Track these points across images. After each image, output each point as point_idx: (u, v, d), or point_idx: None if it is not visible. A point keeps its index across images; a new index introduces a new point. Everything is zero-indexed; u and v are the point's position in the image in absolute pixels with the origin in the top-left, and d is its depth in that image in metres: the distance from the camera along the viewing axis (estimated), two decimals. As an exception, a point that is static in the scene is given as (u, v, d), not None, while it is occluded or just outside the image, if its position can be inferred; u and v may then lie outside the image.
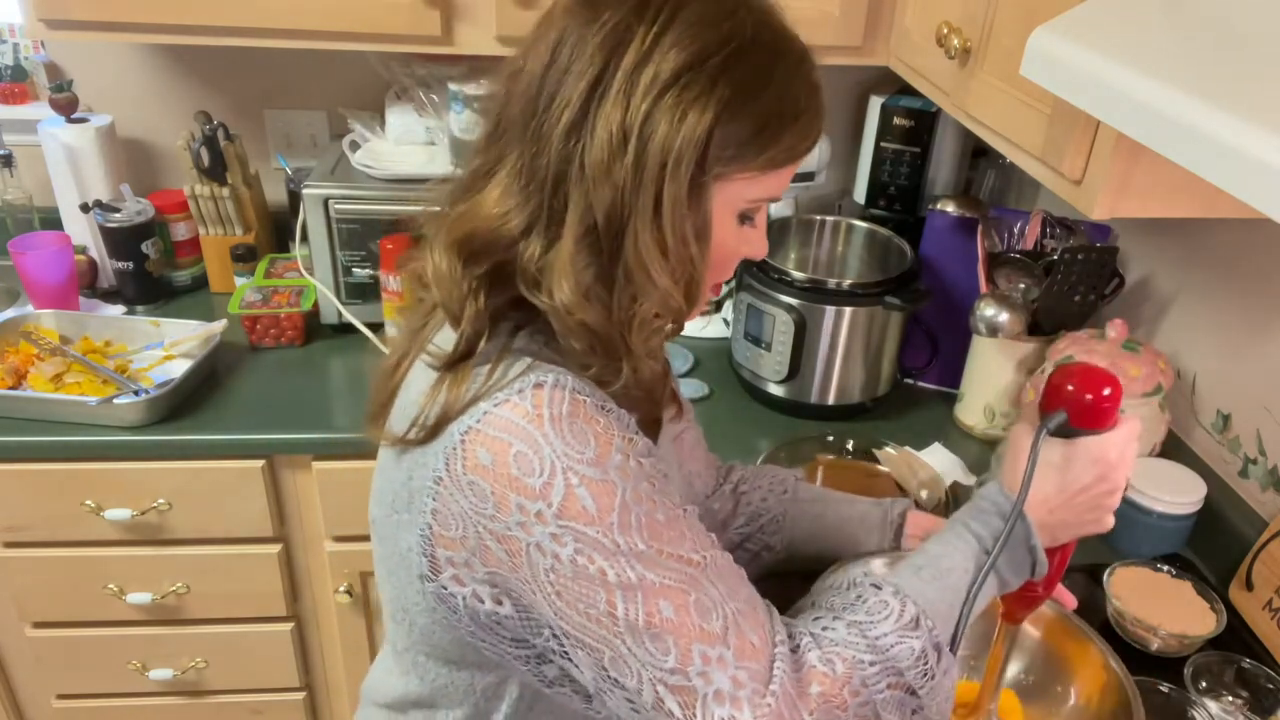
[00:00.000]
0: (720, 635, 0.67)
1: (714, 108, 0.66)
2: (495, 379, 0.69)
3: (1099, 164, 0.94)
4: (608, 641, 0.67)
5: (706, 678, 0.66)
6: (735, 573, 0.72)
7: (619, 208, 0.67)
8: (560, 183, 0.68)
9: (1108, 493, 0.79)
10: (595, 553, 0.65)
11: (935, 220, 1.63)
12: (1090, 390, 0.76)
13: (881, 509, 1.03)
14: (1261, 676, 1.07)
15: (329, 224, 1.63)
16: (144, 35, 1.53)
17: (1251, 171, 0.58)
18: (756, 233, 0.77)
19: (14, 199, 1.82)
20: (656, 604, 0.66)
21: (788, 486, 1.06)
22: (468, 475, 0.67)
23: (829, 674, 0.69)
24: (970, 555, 0.77)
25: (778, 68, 0.69)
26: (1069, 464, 0.78)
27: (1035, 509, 0.78)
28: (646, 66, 0.66)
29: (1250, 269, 1.27)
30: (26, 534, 1.55)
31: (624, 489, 0.66)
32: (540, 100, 0.69)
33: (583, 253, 0.68)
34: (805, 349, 1.52)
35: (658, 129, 0.66)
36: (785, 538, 1.04)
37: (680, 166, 0.66)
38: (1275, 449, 1.22)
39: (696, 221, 0.69)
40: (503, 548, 0.67)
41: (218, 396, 1.57)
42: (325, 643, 1.76)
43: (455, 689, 0.80)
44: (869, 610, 0.73)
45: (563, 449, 0.65)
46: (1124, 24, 0.79)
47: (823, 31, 1.53)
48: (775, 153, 0.70)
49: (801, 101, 0.71)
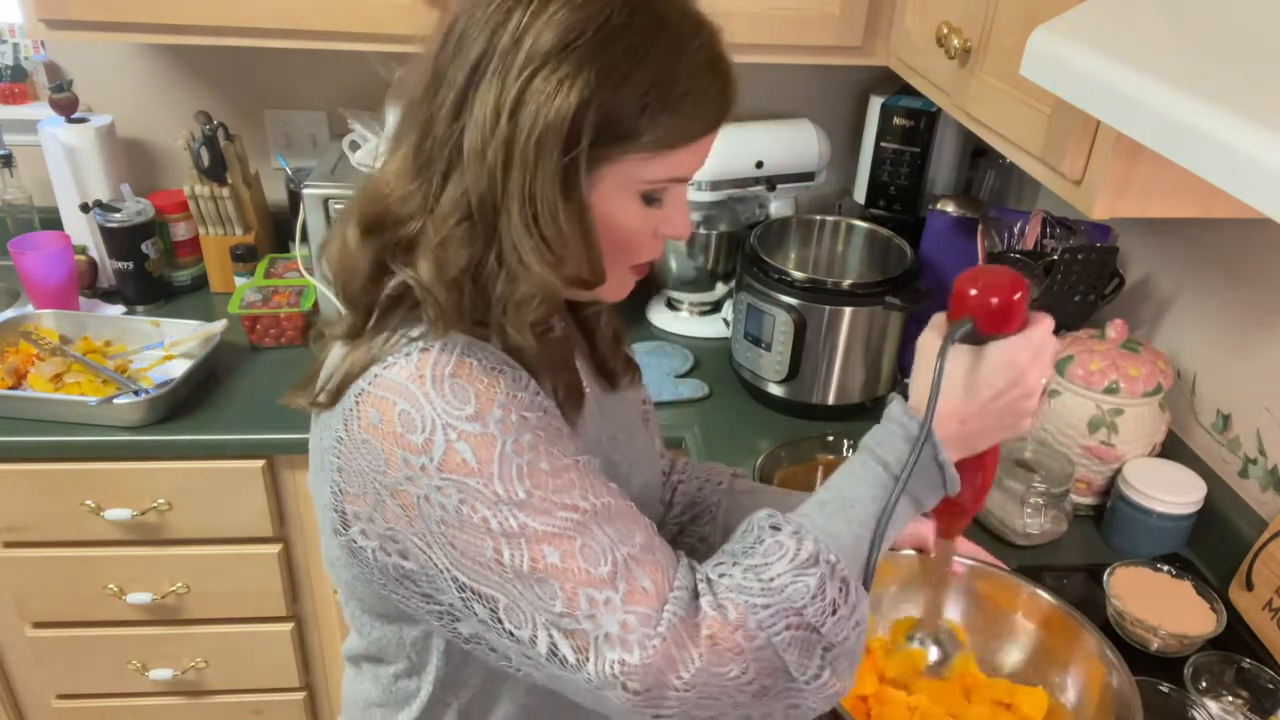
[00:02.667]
0: (608, 579, 0.67)
1: (581, 88, 0.66)
2: (390, 344, 0.72)
3: (1099, 164, 0.94)
4: (501, 588, 0.68)
5: (595, 620, 0.66)
6: (632, 518, 0.72)
7: (492, 189, 0.69)
8: (445, 164, 0.70)
9: (1022, 396, 0.76)
10: (478, 502, 0.67)
11: (935, 220, 1.63)
12: (996, 293, 0.73)
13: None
14: (1261, 676, 1.07)
15: (329, 224, 1.63)
16: (144, 35, 1.53)
17: (1251, 171, 0.58)
18: (672, 212, 0.77)
19: (14, 199, 1.82)
20: (540, 549, 0.67)
21: (723, 479, 1.06)
22: (361, 434, 0.70)
23: (720, 618, 0.68)
24: (876, 483, 0.74)
25: (655, 47, 0.68)
26: (978, 372, 0.75)
27: (945, 422, 0.75)
28: (520, 47, 0.67)
29: (1250, 269, 1.27)
30: (26, 534, 1.55)
31: (504, 441, 0.68)
32: (431, 83, 0.71)
33: (457, 236, 0.70)
34: (805, 349, 1.52)
35: (527, 109, 0.66)
36: (720, 528, 1.03)
37: (547, 147, 0.66)
38: (1275, 449, 1.22)
39: (574, 205, 0.69)
40: (396, 502, 0.70)
41: (218, 396, 1.57)
42: (325, 643, 1.76)
43: (389, 643, 0.82)
44: (765, 552, 0.71)
45: (442, 406, 0.68)
46: (1124, 24, 0.79)
47: (823, 31, 1.54)
48: (660, 133, 0.69)
49: (685, 81, 0.70)
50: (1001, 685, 0.99)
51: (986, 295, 0.73)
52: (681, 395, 1.63)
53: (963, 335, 0.74)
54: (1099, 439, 1.31)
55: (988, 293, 0.73)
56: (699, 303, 1.86)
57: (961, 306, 0.75)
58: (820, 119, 1.81)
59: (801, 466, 1.37)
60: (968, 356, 0.76)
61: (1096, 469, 1.34)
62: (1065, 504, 1.32)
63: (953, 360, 0.75)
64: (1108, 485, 1.34)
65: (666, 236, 0.78)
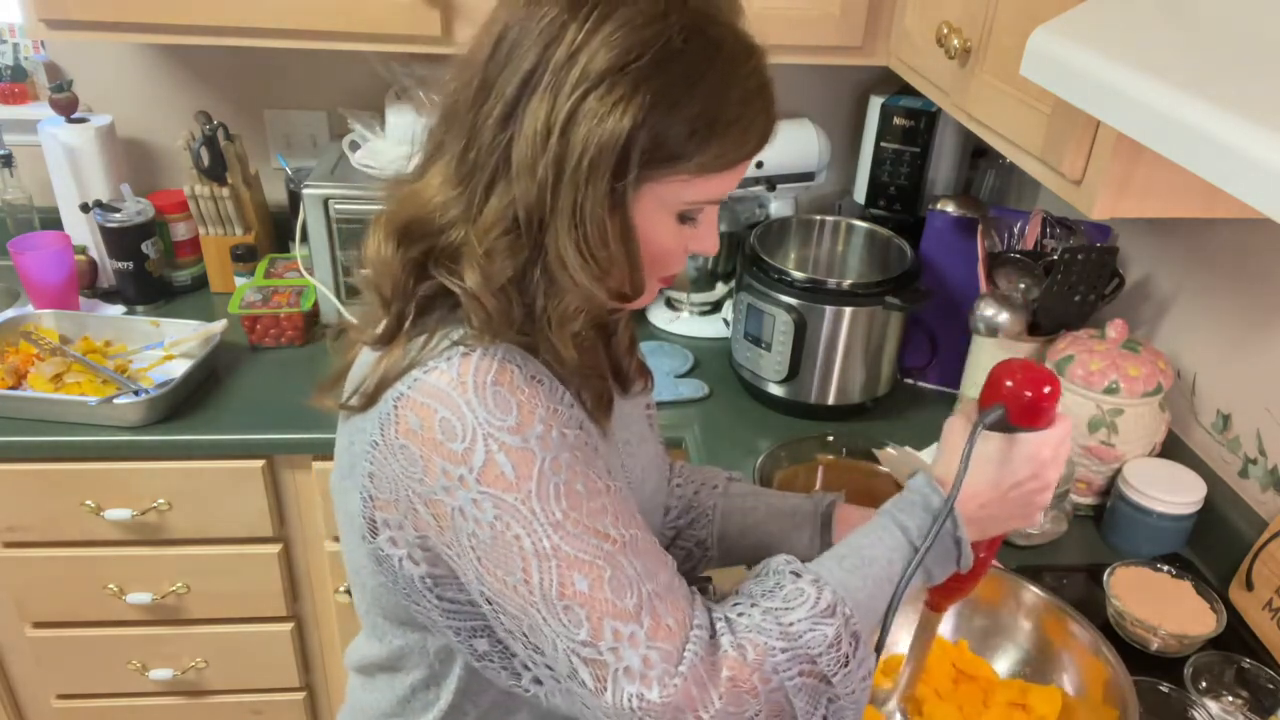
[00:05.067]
0: (634, 613, 0.67)
1: (635, 111, 0.66)
2: (430, 348, 0.71)
3: (1099, 164, 0.94)
4: (525, 610, 0.68)
5: (617, 653, 0.66)
6: (657, 555, 0.72)
7: (540, 205, 0.68)
8: (490, 174, 0.70)
9: (1040, 489, 0.78)
10: (512, 519, 0.66)
11: (935, 220, 1.63)
12: (1030, 387, 0.75)
13: (812, 503, 1.02)
14: (1261, 676, 1.07)
15: (329, 224, 1.63)
16: (144, 35, 1.53)
17: (1251, 171, 0.58)
18: (704, 230, 0.77)
19: (14, 199, 1.82)
20: (571, 576, 0.67)
21: (719, 483, 1.06)
22: (399, 440, 0.69)
23: (740, 659, 0.69)
24: (895, 547, 0.76)
25: (709, 72, 0.68)
26: (1005, 460, 0.77)
27: (966, 503, 0.77)
28: (574, 64, 0.66)
29: (1250, 269, 1.27)
30: (26, 534, 1.55)
31: (543, 458, 0.67)
32: (479, 92, 0.70)
33: (502, 247, 0.70)
34: (805, 349, 1.52)
35: (579, 129, 0.66)
36: (716, 532, 1.03)
37: (599, 168, 0.66)
38: (1275, 449, 1.22)
39: (619, 223, 0.69)
40: (430, 511, 0.69)
41: (218, 396, 1.57)
42: (325, 643, 1.76)
43: (410, 651, 0.82)
44: (785, 597, 0.72)
45: (485, 415, 0.67)
46: (1124, 24, 0.79)
47: (823, 31, 1.54)
48: (706, 158, 0.70)
49: (735, 108, 0.70)
50: (1016, 685, 0.99)
51: (1022, 388, 0.75)
52: (681, 395, 1.63)
53: (993, 422, 0.76)
54: (1099, 439, 1.31)
55: (1023, 386, 0.75)
56: (699, 303, 1.86)
57: (995, 394, 0.76)
58: (820, 119, 1.81)
59: (801, 466, 1.37)
60: (995, 443, 0.77)
61: (1096, 469, 1.34)
62: (1065, 504, 1.32)
63: (979, 445, 0.76)
64: (1108, 485, 1.34)
65: (695, 252, 0.79)
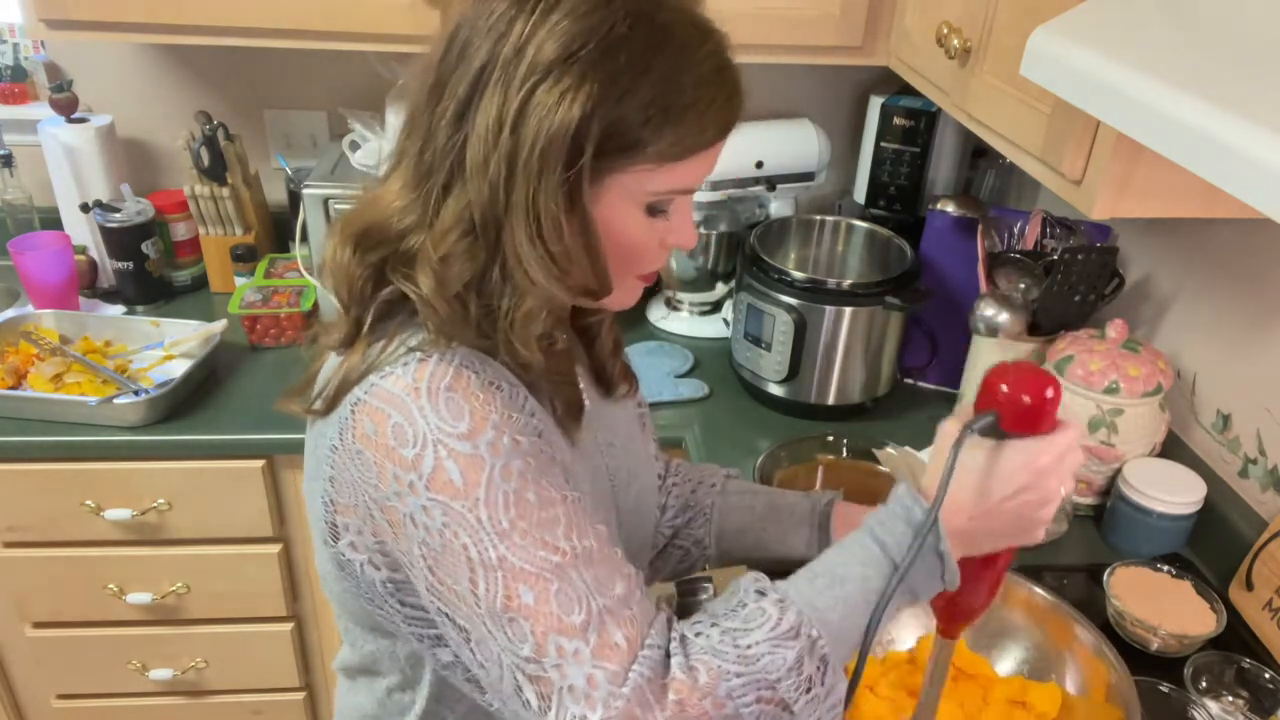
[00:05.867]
0: (580, 629, 0.64)
1: (583, 100, 0.64)
2: (388, 353, 0.70)
3: (1099, 164, 0.94)
4: (471, 621, 0.66)
5: (561, 671, 0.64)
6: (614, 568, 0.68)
7: (494, 203, 0.67)
8: (445, 176, 0.69)
9: (1038, 502, 0.71)
10: (460, 527, 0.65)
11: (935, 220, 1.63)
12: (1027, 391, 0.69)
13: (810, 501, 1.00)
14: (1261, 676, 1.07)
15: (329, 224, 1.63)
16: (144, 35, 1.53)
17: (1251, 171, 0.58)
18: (677, 222, 0.75)
19: (14, 199, 1.82)
20: (516, 587, 0.64)
21: (717, 481, 1.05)
22: (355, 444, 0.69)
23: (689, 682, 0.64)
24: (871, 562, 0.70)
25: (658, 58, 0.67)
26: (993, 469, 0.70)
27: (952, 516, 0.71)
28: (523, 58, 0.65)
29: (1250, 269, 1.27)
30: (26, 534, 1.55)
31: (493, 465, 0.66)
32: (433, 92, 0.69)
33: (459, 251, 0.69)
34: (805, 349, 1.52)
35: (529, 122, 0.65)
36: (714, 531, 1.02)
37: (550, 161, 0.65)
38: (1275, 449, 1.22)
39: (577, 218, 0.68)
40: (385, 517, 0.69)
41: (218, 396, 1.57)
42: (325, 643, 1.76)
43: (381, 656, 0.82)
44: (746, 617, 0.67)
45: (436, 421, 0.66)
46: (1124, 24, 0.79)
47: (823, 31, 1.54)
48: (663, 145, 0.68)
49: (690, 92, 0.68)
50: (1016, 682, 0.99)
51: (1017, 392, 0.69)
52: (681, 395, 1.63)
53: (983, 427, 0.70)
54: (1099, 439, 1.31)
55: (1018, 389, 0.69)
56: (699, 303, 1.86)
57: (989, 400, 0.70)
58: (820, 119, 1.81)
59: (801, 466, 1.37)
60: (987, 452, 0.71)
61: (1096, 469, 1.34)
62: (1065, 504, 1.32)
63: (970, 453, 0.70)
64: (1108, 485, 1.34)
65: (672, 246, 0.77)
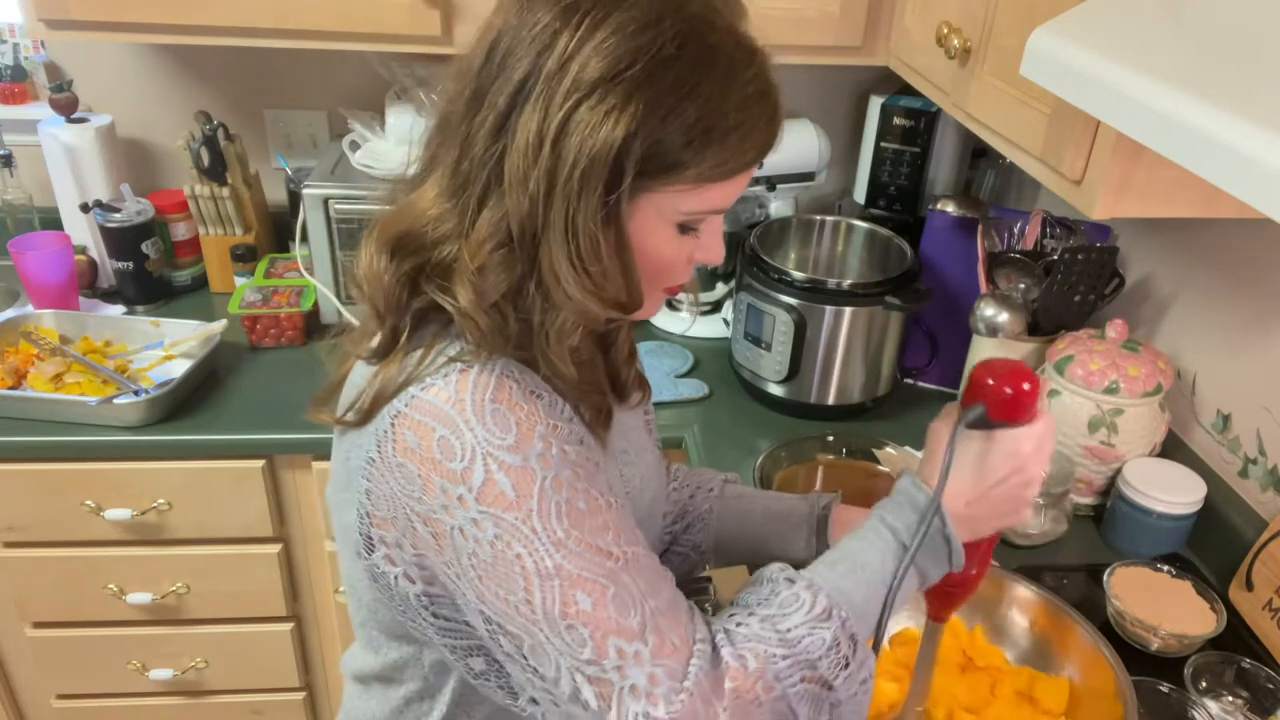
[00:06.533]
0: (638, 631, 0.67)
1: (628, 121, 0.64)
2: (426, 363, 0.70)
3: (1099, 164, 0.94)
4: (527, 629, 0.67)
5: (622, 671, 0.66)
6: (659, 572, 0.72)
7: (533, 218, 0.67)
8: (483, 187, 0.68)
9: (1023, 485, 0.79)
10: (513, 539, 0.66)
11: (935, 220, 1.63)
12: (1009, 384, 0.77)
13: (808, 503, 1.02)
14: (1261, 676, 1.07)
15: (329, 224, 1.63)
16: (144, 35, 1.53)
17: (1251, 171, 0.58)
18: (708, 239, 0.76)
19: (14, 199, 1.82)
20: (573, 594, 0.66)
21: (715, 486, 1.06)
22: (397, 458, 0.68)
23: (742, 669, 0.68)
24: (886, 549, 0.76)
25: (705, 80, 0.66)
26: (985, 457, 0.78)
27: (952, 502, 0.77)
28: (566, 73, 0.64)
29: (1250, 269, 1.27)
30: (26, 534, 1.55)
31: (544, 476, 0.67)
32: (472, 102, 0.69)
33: (495, 262, 0.68)
34: (805, 349, 1.52)
35: (571, 140, 0.64)
36: (712, 535, 1.03)
37: (591, 180, 0.65)
38: (1275, 449, 1.22)
39: (613, 236, 0.68)
40: (428, 530, 0.69)
41: (218, 396, 1.57)
42: (325, 643, 1.76)
43: (405, 664, 0.82)
44: (781, 604, 0.72)
45: (483, 434, 0.66)
46: (1124, 24, 0.79)
47: (823, 31, 1.54)
48: (704, 167, 0.68)
49: (734, 115, 0.68)
50: (1025, 673, 0.99)
51: (1001, 385, 0.77)
52: (681, 395, 1.63)
53: (973, 420, 0.77)
54: (1099, 439, 1.31)
55: (1002, 383, 0.77)
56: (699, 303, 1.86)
57: (976, 393, 0.78)
58: (820, 119, 1.81)
59: (801, 466, 1.37)
60: (976, 442, 0.78)
61: (1096, 469, 1.34)
62: (1065, 504, 1.32)
63: (961, 444, 0.77)
64: (1108, 485, 1.34)
65: (700, 263, 0.78)
